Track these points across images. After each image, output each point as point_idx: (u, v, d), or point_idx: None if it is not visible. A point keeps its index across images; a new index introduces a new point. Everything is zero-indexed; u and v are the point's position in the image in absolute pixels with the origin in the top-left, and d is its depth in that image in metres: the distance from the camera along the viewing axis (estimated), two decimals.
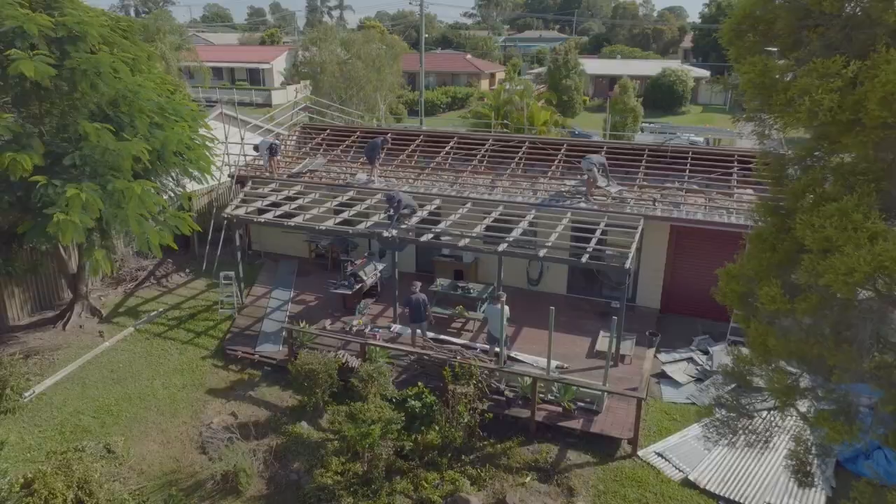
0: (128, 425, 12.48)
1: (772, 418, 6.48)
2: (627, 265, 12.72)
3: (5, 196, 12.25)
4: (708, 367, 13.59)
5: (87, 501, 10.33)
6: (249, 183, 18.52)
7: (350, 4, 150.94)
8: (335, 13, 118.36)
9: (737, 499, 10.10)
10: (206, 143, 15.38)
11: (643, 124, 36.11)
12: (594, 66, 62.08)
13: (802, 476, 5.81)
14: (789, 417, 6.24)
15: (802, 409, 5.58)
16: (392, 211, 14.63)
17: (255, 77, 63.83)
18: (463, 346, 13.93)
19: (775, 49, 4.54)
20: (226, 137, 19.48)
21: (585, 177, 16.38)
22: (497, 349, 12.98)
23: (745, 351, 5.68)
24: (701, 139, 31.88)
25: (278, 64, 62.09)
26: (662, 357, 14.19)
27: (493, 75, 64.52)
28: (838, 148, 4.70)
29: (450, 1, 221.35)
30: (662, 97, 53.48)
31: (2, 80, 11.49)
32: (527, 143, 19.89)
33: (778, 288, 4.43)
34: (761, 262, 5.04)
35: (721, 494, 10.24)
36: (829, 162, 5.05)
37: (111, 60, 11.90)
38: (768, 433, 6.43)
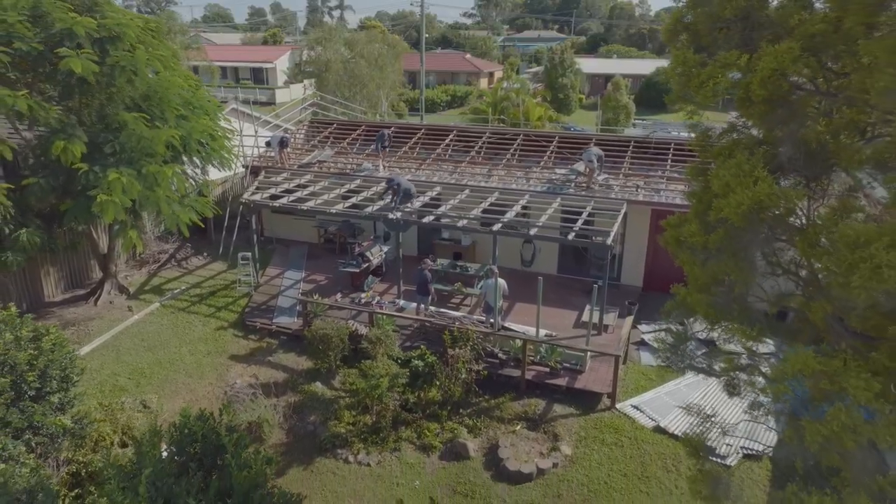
0: (160, 385, 13.89)
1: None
2: (609, 241, 14.12)
3: (50, 181, 13.65)
4: (683, 336, 14.98)
5: (130, 444, 11.78)
6: (262, 173, 19.93)
7: (350, 4, 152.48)
8: (335, 13, 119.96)
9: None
10: (227, 134, 16.78)
11: (635, 121, 37.52)
12: (591, 65, 63.44)
13: (731, 388, 7.25)
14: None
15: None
16: (397, 195, 16.01)
17: (259, 76, 65.19)
18: (461, 317, 15.33)
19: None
20: (240, 131, 20.87)
21: (584, 168, 17.72)
22: (492, 319, 14.39)
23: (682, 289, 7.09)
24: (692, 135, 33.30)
25: (281, 63, 63.57)
26: (642, 328, 15.60)
27: (491, 74, 65.86)
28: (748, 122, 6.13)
29: (450, 1, 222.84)
30: (657, 95, 54.77)
31: (51, 75, 12.91)
32: (521, 136, 21.30)
33: (696, 225, 5.84)
34: (692, 211, 6.46)
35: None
36: (746, 135, 6.47)
37: (147, 58, 13.32)
38: (709, 362, 7.87)
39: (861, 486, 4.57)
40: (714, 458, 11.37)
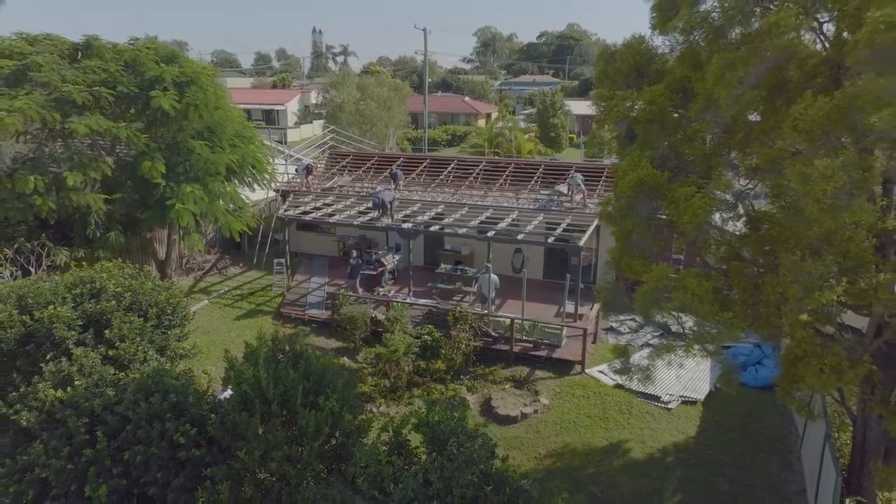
0: (216, 360, 16.97)
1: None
2: (581, 244, 17.48)
3: (133, 195, 17.09)
4: (643, 324, 18.24)
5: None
6: (291, 196, 23.43)
7: (354, 51, 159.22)
8: (339, 59, 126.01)
9: (650, 393, 14.66)
10: (269, 159, 20.34)
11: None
12: (581, 107, 67.74)
13: (658, 315, 10.51)
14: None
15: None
16: (388, 209, 19.26)
17: (271, 118, 69.54)
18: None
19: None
20: (272, 160, 24.46)
21: (568, 189, 21.16)
22: (485, 311, 17.64)
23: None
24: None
25: (291, 106, 68.06)
26: (612, 318, 18.82)
27: (489, 115, 70.17)
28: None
29: (449, 48, 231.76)
30: None
31: (141, 111, 16.48)
32: (512, 164, 24.90)
33: (614, 199, 9.21)
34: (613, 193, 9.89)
35: (639, 391, 14.79)
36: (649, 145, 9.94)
37: (216, 98, 16.94)
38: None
39: (698, 340, 7.83)
40: (658, 404, 14.59)
